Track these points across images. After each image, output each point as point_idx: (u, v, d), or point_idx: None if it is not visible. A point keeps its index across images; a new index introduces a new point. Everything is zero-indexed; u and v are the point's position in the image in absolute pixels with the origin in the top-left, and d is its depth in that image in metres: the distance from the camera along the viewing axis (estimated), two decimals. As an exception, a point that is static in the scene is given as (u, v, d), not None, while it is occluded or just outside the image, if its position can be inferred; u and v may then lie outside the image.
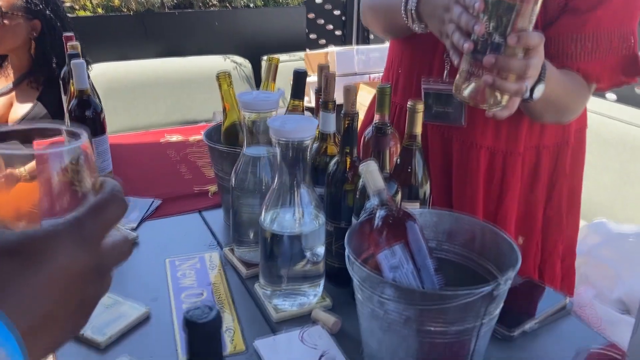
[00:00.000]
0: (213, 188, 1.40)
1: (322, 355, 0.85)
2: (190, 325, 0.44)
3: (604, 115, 2.16)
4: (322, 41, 3.81)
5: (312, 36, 3.79)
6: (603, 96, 2.34)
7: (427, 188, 1.01)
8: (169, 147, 1.68)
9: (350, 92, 0.95)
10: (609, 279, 1.45)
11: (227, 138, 1.22)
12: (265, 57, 3.20)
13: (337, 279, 1.03)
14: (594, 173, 1.31)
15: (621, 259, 1.47)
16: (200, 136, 1.76)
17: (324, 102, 1.00)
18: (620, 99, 2.31)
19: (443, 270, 0.82)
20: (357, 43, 3.69)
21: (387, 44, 3.50)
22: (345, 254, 0.81)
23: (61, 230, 0.38)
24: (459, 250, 0.89)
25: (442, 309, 0.72)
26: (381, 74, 1.38)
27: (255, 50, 3.29)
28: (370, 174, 0.85)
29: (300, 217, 0.93)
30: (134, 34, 3.08)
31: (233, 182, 1.06)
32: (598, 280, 1.46)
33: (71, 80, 1.35)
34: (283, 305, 0.96)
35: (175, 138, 1.74)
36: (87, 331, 0.88)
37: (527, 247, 1.20)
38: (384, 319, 0.76)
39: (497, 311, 0.77)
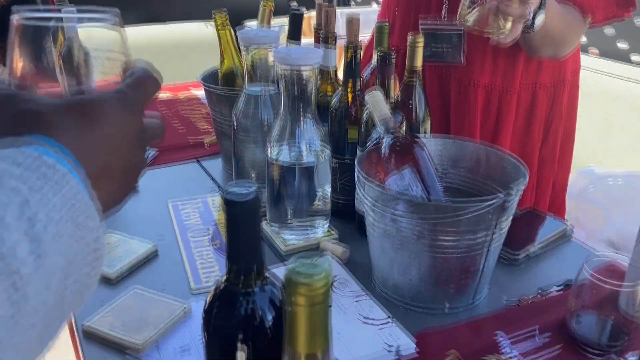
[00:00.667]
0: (208, 139, 1.39)
1: (333, 280, 0.86)
2: (230, 204, 0.44)
3: (587, 69, 2.19)
4: (303, 8, 3.78)
5: (293, 4, 3.75)
6: (586, 51, 2.37)
7: (427, 125, 1.02)
8: (158, 103, 1.66)
9: (353, 23, 0.95)
10: (599, 220, 1.49)
11: (225, 83, 1.21)
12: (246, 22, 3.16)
13: (342, 215, 1.04)
14: (578, 124, 1.33)
15: (610, 200, 1.51)
16: (189, 92, 1.74)
17: (325, 36, 1.00)
18: (603, 54, 2.35)
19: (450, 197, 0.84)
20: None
21: (369, 8, 3.45)
22: (355, 175, 0.82)
23: (107, 97, 0.40)
24: (464, 176, 0.91)
25: (455, 222, 0.73)
26: (366, 37, 1.37)
27: (235, 16, 3.25)
28: (376, 102, 0.85)
29: (307, 150, 0.94)
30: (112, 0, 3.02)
31: (235, 123, 1.06)
32: (588, 222, 1.50)
33: (59, 32, 1.32)
34: (291, 239, 0.96)
35: (164, 95, 1.72)
36: (97, 266, 0.88)
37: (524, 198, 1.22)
38: (396, 236, 0.77)
39: (507, 225, 0.79)
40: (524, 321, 0.78)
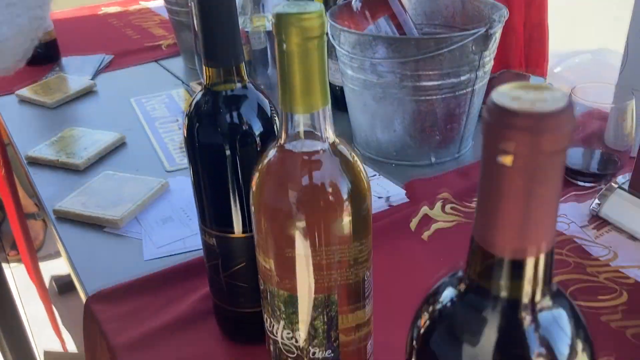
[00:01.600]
0: (166, 42, 1.31)
1: (315, 145, 0.82)
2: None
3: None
4: None
5: None
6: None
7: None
8: (109, 17, 1.56)
9: None
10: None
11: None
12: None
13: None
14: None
15: (581, 77, 1.50)
16: (139, 4, 1.64)
17: None
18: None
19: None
20: None
21: None
22: (328, 31, 0.78)
23: None
24: (441, 30, 0.87)
25: (437, 59, 0.70)
26: None
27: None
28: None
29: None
30: None
31: (192, 7, 0.99)
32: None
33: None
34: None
35: (113, 9, 1.62)
36: (62, 157, 0.83)
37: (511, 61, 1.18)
38: (377, 85, 0.74)
39: (490, 65, 0.76)
40: (513, 162, 0.76)
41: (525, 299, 0.23)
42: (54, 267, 1.82)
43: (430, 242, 0.64)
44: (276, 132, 0.44)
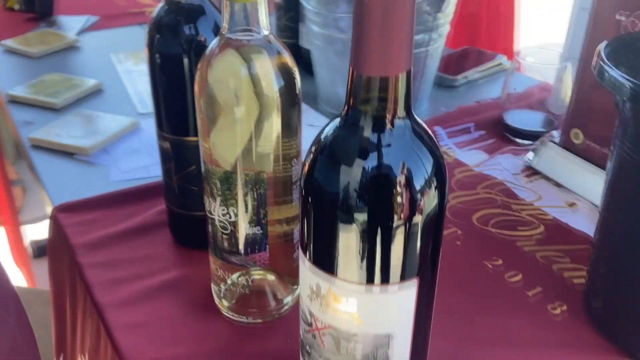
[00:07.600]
0: (149, 9, 1.36)
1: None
2: None
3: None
4: None
5: None
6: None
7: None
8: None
9: None
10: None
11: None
12: None
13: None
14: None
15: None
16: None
17: None
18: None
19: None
20: None
21: None
22: (298, -12, 0.83)
23: None
24: None
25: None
26: None
27: None
28: None
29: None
30: None
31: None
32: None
33: None
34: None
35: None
36: (40, 96, 0.87)
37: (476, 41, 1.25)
38: (339, 39, 0.79)
39: (445, 28, 0.82)
40: (461, 119, 0.82)
41: (389, 115, 0.29)
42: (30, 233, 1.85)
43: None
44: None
